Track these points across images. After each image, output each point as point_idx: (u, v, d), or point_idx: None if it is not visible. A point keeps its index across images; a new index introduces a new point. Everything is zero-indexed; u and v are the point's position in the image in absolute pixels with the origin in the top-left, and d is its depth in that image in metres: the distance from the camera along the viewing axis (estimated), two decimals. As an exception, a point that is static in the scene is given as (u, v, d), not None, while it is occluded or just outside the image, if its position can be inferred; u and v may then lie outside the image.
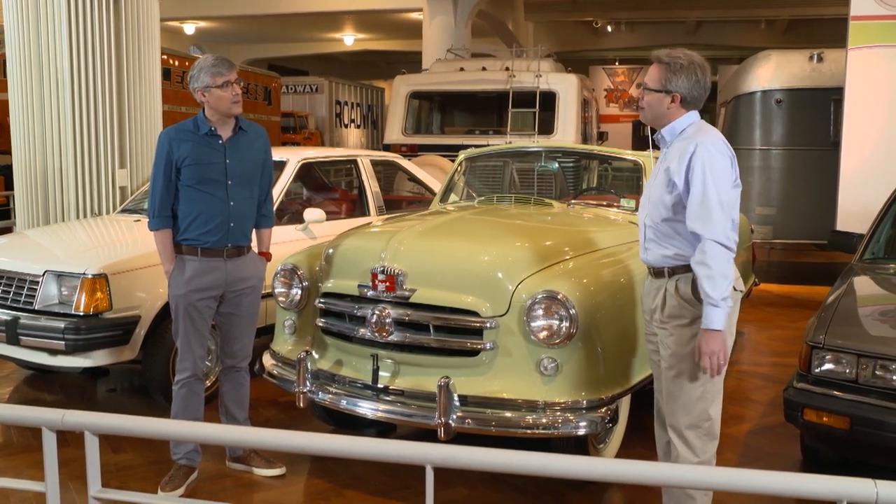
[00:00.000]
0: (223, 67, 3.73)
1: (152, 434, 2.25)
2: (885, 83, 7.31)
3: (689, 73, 3.05)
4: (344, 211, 6.45)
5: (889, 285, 4.31)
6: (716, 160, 2.96)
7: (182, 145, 3.73)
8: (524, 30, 22.81)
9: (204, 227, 3.77)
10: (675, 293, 3.07)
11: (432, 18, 16.54)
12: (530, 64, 10.99)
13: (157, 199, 3.74)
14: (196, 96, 3.75)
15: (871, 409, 3.42)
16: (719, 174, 2.95)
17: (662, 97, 3.08)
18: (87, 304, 4.49)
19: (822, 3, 20.14)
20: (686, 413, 3.09)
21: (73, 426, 2.23)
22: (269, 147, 4.07)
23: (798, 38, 22.18)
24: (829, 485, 1.90)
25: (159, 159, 3.74)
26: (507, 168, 5.98)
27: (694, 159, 2.97)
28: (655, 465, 2.09)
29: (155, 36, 6.95)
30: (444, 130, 12.15)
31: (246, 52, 25.71)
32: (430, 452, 1.99)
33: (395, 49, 25.78)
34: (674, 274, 3.08)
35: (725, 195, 2.95)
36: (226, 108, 3.76)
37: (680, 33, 24.09)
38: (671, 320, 3.09)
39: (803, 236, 9.14)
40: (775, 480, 1.99)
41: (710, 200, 2.91)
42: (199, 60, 3.78)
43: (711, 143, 2.98)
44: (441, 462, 1.99)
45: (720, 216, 2.91)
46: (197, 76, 3.73)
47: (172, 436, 2.87)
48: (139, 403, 5.16)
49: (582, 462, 2.05)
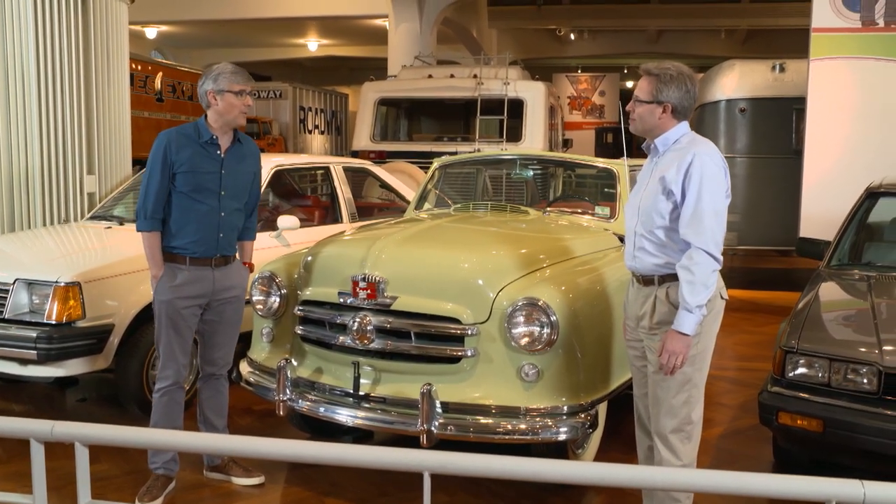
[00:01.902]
0: (241, 77, 3.74)
1: (145, 444, 2.24)
2: (847, 94, 7.50)
3: (679, 84, 3.11)
4: (317, 218, 6.44)
5: (857, 291, 4.42)
6: (712, 170, 3.02)
7: (181, 150, 3.70)
8: (488, 37, 22.94)
9: (194, 236, 3.75)
10: (666, 300, 3.12)
11: (398, 25, 16.55)
12: (498, 71, 11.06)
13: (151, 200, 3.69)
14: (206, 99, 3.72)
15: (844, 412, 3.50)
16: (714, 184, 3.01)
17: (654, 108, 3.14)
18: (60, 313, 4.43)
19: (780, 15, 20.61)
20: (671, 417, 3.14)
21: (63, 437, 2.21)
22: (261, 161, 4.08)
23: (757, 47, 22.64)
24: (817, 486, 1.96)
25: (156, 158, 3.69)
26: (481, 175, 6.02)
27: (692, 169, 3.03)
28: (652, 470, 2.14)
29: (124, 40, 6.88)
30: (411, 137, 12.18)
31: (208, 56, 25.44)
32: (428, 459, 2.01)
33: (359, 55, 25.76)
34: (664, 282, 3.13)
35: (719, 205, 3.02)
36: (234, 116, 3.75)
37: (641, 42, 24.43)
38: (660, 327, 3.14)
39: (766, 243, 9.32)
40: (763, 482, 2.04)
41: (704, 209, 2.98)
42: (218, 66, 3.75)
43: (707, 154, 3.05)
44: (438, 468, 2.00)
45: (712, 225, 2.98)
46: (214, 79, 3.70)
47: (166, 446, 2.85)
48: (111, 413, 5.09)
49: (579, 467, 2.09)
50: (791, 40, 21.58)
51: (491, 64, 11.50)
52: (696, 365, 3.12)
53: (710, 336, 3.15)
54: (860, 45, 7.47)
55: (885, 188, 5.13)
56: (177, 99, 17.26)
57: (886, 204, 5.08)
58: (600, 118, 26.11)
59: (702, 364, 3.15)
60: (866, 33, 7.48)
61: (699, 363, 3.13)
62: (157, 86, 16.59)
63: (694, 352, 3.08)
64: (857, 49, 7.47)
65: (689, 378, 3.12)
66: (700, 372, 3.15)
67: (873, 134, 7.37)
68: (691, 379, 3.12)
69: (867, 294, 4.22)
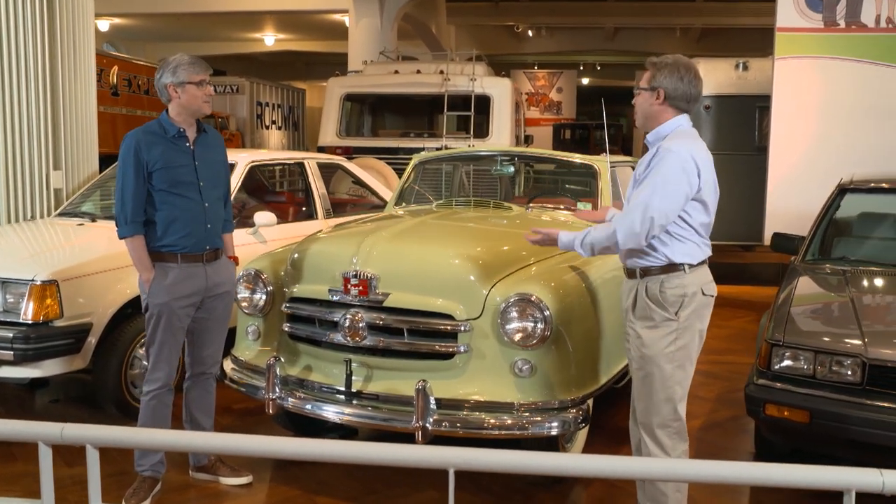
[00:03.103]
0: (200, 66, 3.68)
1: (161, 446, 2.20)
2: (811, 92, 7.66)
3: (671, 70, 3.15)
4: (291, 214, 6.37)
5: (834, 285, 4.52)
6: (667, 168, 3.02)
7: (151, 148, 3.62)
8: (447, 33, 22.92)
9: (183, 230, 3.69)
10: (645, 295, 3.15)
11: (358, 20, 16.43)
12: (464, 67, 11.07)
13: (130, 205, 3.59)
14: (167, 93, 3.65)
15: (829, 403, 3.59)
16: (660, 179, 3.02)
17: (649, 95, 3.19)
18: (37, 312, 4.31)
19: (735, 14, 20.96)
20: (655, 413, 3.17)
21: (74, 440, 2.15)
22: (226, 151, 4.03)
23: (712, 46, 22.97)
24: (836, 475, 2.00)
25: (127, 162, 3.60)
26: (458, 172, 6.02)
27: (652, 161, 3.10)
28: (666, 462, 2.16)
29: (90, 32, 6.72)
30: (377, 133, 12.11)
31: (162, 50, 24.99)
32: (453, 456, 2.00)
33: (317, 50, 25.51)
34: (645, 275, 3.17)
35: (657, 201, 3.00)
36: (197, 106, 3.70)
37: (599, 39, 24.65)
38: (639, 321, 3.17)
39: (730, 238, 9.48)
40: (783, 472, 2.07)
41: (639, 198, 3.04)
42: (174, 58, 3.68)
43: (674, 152, 3.04)
44: (463, 465, 2.00)
45: (635, 216, 3.02)
46: (173, 71, 3.63)
47: (180, 447, 2.80)
48: (87, 414, 4.97)
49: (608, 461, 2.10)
50: (745, 39, 22.03)
51: (456, 60, 11.48)
52: (675, 362, 3.12)
53: (690, 333, 3.14)
54: (823, 44, 7.64)
55: (855, 185, 5.26)
56: (133, 93, 16.92)
57: (857, 200, 5.21)
58: (558, 115, 26.29)
59: (683, 361, 3.14)
60: (829, 33, 7.65)
61: (679, 360, 3.13)
62: (113, 80, 16.24)
63: (673, 349, 3.11)
64: (820, 49, 7.64)
65: (670, 375, 3.13)
66: (681, 369, 3.15)
67: (837, 132, 7.55)
68: (672, 376, 3.13)
69: (845, 288, 4.32)
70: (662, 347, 3.09)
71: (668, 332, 3.09)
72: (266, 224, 5.56)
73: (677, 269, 3.09)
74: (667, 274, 3.10)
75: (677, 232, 3.08)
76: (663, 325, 3.09)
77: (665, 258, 3.10)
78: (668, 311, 3.08)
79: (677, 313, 3.08)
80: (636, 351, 3.18)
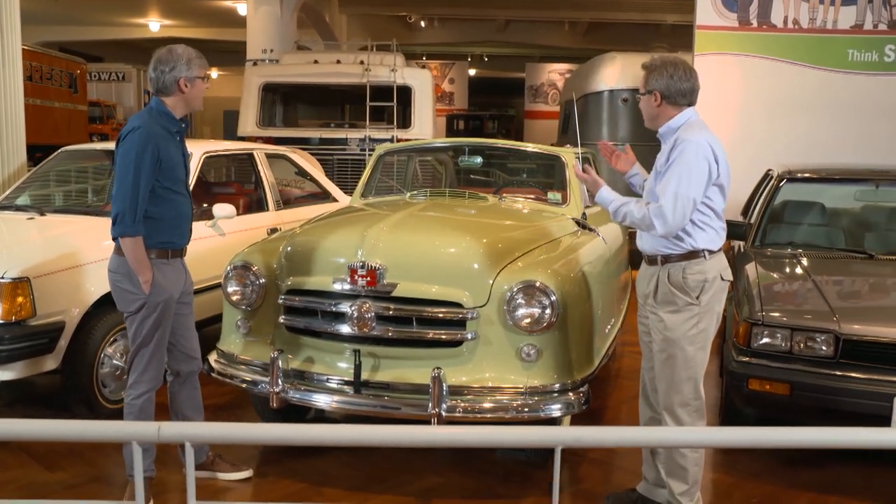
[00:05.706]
0: (205, 61, 3.62)
1: (254, 440, 2.18)
2: (730, 88, 8.10)
3: (661, 71, 3.35)
4: (242, 206, 6.25)
5: (793, 267, 4.86)
6: (688, 158, 3.23)
7: (164, 145, 3.49)
8: (339, 22, 22.73)
9: (179, 227, 3.64)
10: (667, 281, 3.35)
11: (257, 8, 16.06)
12: (384, 58, 11.07)
13: (140, 204, 3.43)
14: (176, 86, 3.52)
15: (807, 375, 3.90)
16: (684, 168, 3.22)
17: (648, 98, 3.38)
18: (8, 311, 4.10)
19: (619, 9, 21.79)
20: (677, 392, 3.37)
21: (172, 438, 2.13)
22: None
23: (598, 39, 23.78)
24: (877, 436, 2.18)
25: (143, 159, 3.41)
26: (414, 162, 6.08)
27: (672, 154, 3.27)
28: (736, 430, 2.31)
29: (15, 18, 6.38)
30: (297, 123, 11.94)
31: (37, 34, 23.53)
32: (561, 434, 2.10)
33: (205, 37, 24.71)
34: (666, 262, 3.35)
35: (682, 190, 3.22)
36: (199, 102, 3.63)
37: (490, 31, 25.04)
38: (662, 306, 3.36)
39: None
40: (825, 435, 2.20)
41: (667, 190, 3.21)
42: (181, 51, 3.53)
43: (691, 142, 3.25)
44: (572, 443, 2.10)
45: (669, 204, 3.20)
46: (188, 65, 3.51)
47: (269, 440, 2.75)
48: (53, 415, 4.75)
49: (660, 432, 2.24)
50: (629, 34, 22.96)
51: (371, 50, 11.46)
52: (697, 344, 3.34)
53: (710, 316, 3.35)
54: (739, 42, 8.11)
55: (794, 174, 5.66)
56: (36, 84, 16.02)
57: (795, 189, 5.61)
58: (450, 105, 26.54)
59: (703, 343, 3.36)
60: (743, 32, 8.13)
61: (701, 342, 3.35)
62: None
63: (695, 331, 3.32)
64: (737, 46, 8.10)
65: (693, 356, 3.34)
66: (703, 351, 3.37)
67: (756, 126, 8.02)
68: (694, 357, 3.34)
69: (805, 270, 4.68)
70: (686, 330, 3.29)
71: (691, 316, 3.29)
72: (225, 216, 5.45)
73: (698, 256, 3.29)
74: (688, 261, 3.29)
75: (700, 219, 3.28)
76: (686, 310, 3.29)
77: (689, 245, 3.28)
78: (691, 295, 3.28)
79: (699, 297, 3.28)
80: (659, 334, 3.35)
